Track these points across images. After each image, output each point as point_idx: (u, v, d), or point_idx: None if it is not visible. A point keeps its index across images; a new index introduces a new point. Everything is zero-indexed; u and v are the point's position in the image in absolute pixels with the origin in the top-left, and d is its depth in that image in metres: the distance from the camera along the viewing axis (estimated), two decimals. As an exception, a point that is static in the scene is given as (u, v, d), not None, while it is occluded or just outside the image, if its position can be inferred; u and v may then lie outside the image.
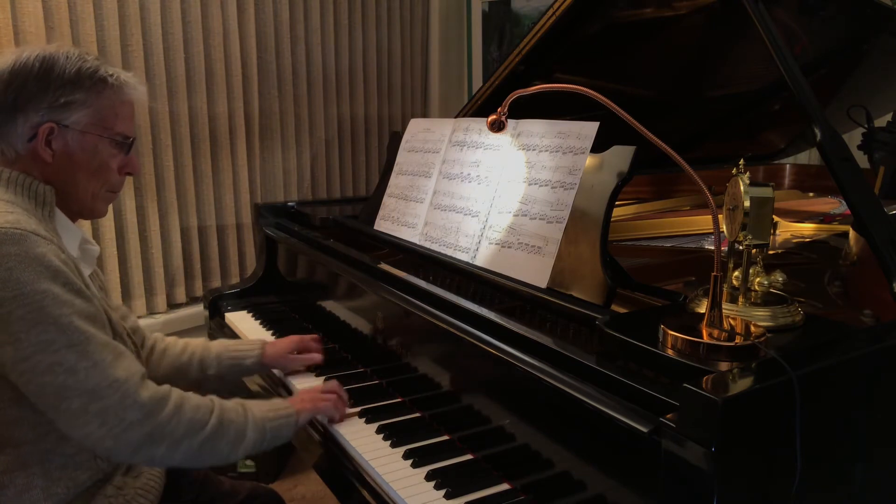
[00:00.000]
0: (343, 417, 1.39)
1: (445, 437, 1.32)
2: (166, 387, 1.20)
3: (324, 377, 1.60)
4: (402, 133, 1.88)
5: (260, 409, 1.28)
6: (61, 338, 1.08)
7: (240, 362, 1.59)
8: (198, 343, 1.60)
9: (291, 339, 1.66)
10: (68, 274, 1.13)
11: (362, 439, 1.32)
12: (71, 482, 1.19)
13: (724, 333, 1.00)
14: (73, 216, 1.28)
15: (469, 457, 1.25)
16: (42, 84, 1.18)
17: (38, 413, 1.13)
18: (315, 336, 1.69)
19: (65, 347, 1.08)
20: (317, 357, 1.64)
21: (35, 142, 1.19)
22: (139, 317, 2.61)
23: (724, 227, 1.15)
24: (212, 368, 1.57)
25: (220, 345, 1.62)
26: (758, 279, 1.10)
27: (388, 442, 1.30)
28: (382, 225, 1.82)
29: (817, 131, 1.22)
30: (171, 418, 1.15)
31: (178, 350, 1.57)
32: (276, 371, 1.67)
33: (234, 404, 1.27)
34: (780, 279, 1.10)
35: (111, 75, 1.24)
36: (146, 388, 1.15)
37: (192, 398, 1.22)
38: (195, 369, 1.56)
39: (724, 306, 1.03)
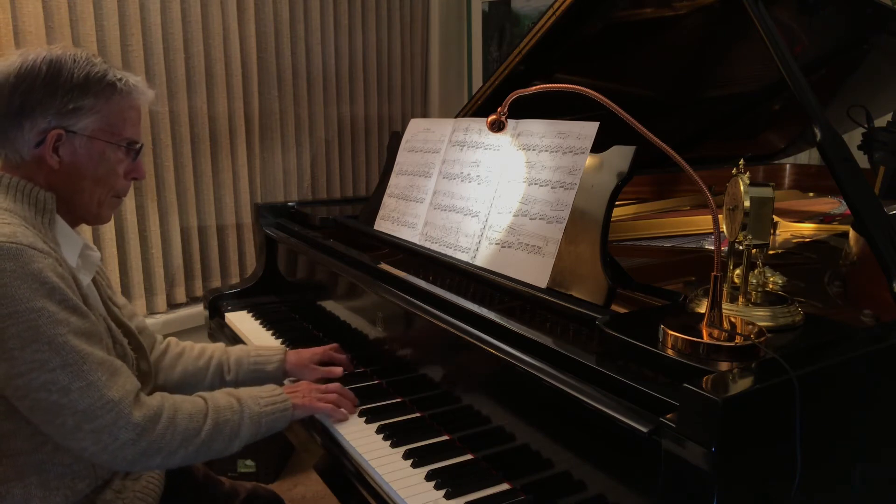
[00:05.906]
0: (342, 418, 1.38)
1: (445, 437, 1.32)
2: (158, 399, 1.19)
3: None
4: (402, 133, 1.88)
5: (256, 401, 1.28)
6: (55, 358, 1.08)
7: (262, 367, 1.55)
8: (216, 347, 1.58)
9: (315, 351, 1.61)
10: (64, 290, 1.11)
11: (362, 439, 1.32)
12: (69, 491, 1.18)
13: (724, 333, 1.00)
14: (76, 222, 1.26)
15: (469, 457, 1.25)
16: (50, 89, 1.16)
17: (32, 425, 1.13)
18: (335, 346, 1.66)
19: (59, 367, 1.08)
20: (337, 370, 1.57)
21: (42, 148, 1.17)
22: (139, 317, 2.61)
23: (724, 227, 1.15)
24: (230, 374, 1.53)
25: (241, 350, 1.58)
26: (758, 279, 1.10)
27: (388, 442, 1.30)
28: (382, 225, 1.82)
29: (817, 131, 1.22)
30: (164, 432, 1.16)
31: (194, 354, 1.54)
32: None
33: (228, 400, 1.26)
34: (780, 279, 1.10)
35: (120, 80, 1.22)
36: (139, 406, 1.15)
37: (185, 406, 1.21)
38: (212, 374, 1.53)
39: (724, 306, 1.03)
